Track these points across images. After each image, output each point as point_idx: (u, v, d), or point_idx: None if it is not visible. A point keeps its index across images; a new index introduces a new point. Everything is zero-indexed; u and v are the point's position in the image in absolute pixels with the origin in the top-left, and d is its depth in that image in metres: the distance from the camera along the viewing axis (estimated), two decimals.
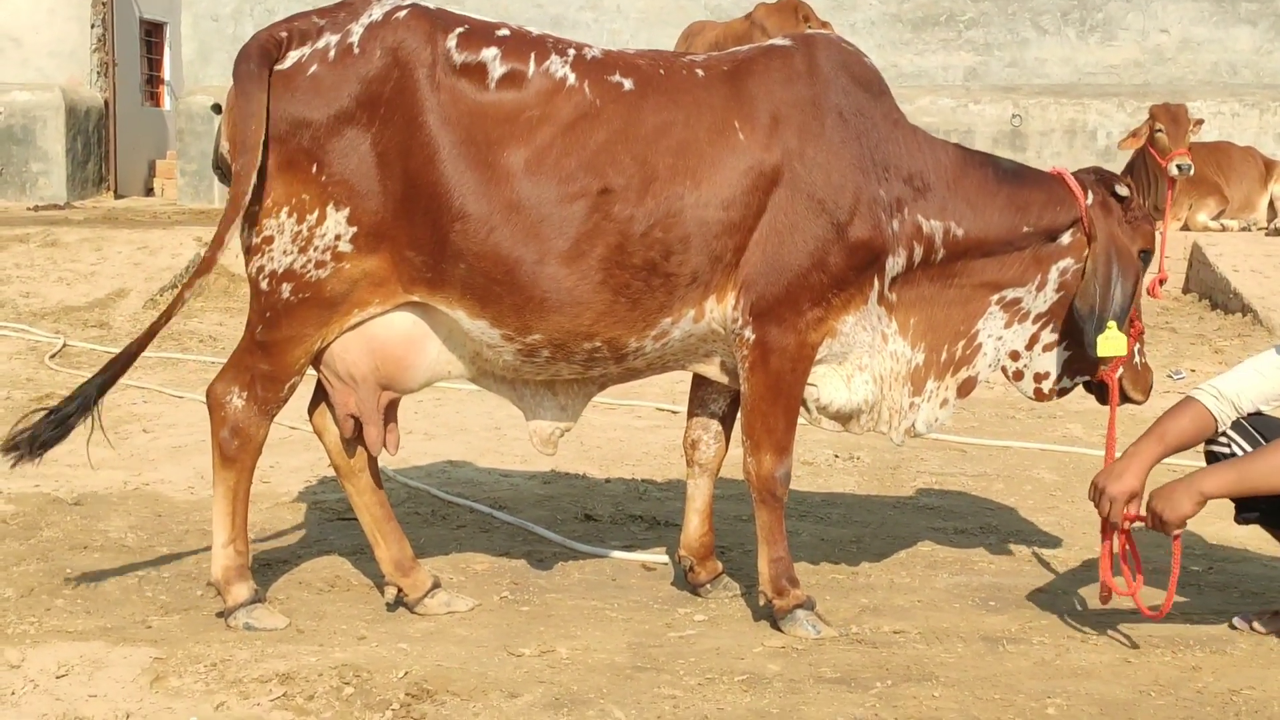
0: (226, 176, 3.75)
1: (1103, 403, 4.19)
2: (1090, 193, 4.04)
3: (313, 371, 3.86)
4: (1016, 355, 4.12)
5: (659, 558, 4.50)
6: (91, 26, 15.51)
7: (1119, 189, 4.07)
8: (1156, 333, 9.01)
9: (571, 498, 5.29)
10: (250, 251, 3.70)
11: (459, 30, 3.69)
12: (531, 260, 3.63)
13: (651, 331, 3.78)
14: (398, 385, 3.84)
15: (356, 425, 3.84)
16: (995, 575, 4.42)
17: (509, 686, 3.35)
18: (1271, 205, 11.68)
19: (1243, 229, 11.40)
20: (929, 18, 14.90)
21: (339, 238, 3.65)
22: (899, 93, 4.25)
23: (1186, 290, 10.37)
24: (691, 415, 4.21)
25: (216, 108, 3.78)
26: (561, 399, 3.98)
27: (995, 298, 4.05)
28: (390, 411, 3.89)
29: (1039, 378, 4.14)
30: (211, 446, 3.80)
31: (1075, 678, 3.52)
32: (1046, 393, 4.16)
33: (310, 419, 3.99)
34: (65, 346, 8.32)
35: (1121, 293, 3.95)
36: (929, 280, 3.98)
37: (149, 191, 16.52)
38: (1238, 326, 9.35)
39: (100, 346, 8.38)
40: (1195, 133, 10.33)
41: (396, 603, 3.94)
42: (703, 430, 4.19)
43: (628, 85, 3.73)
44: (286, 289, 3.67)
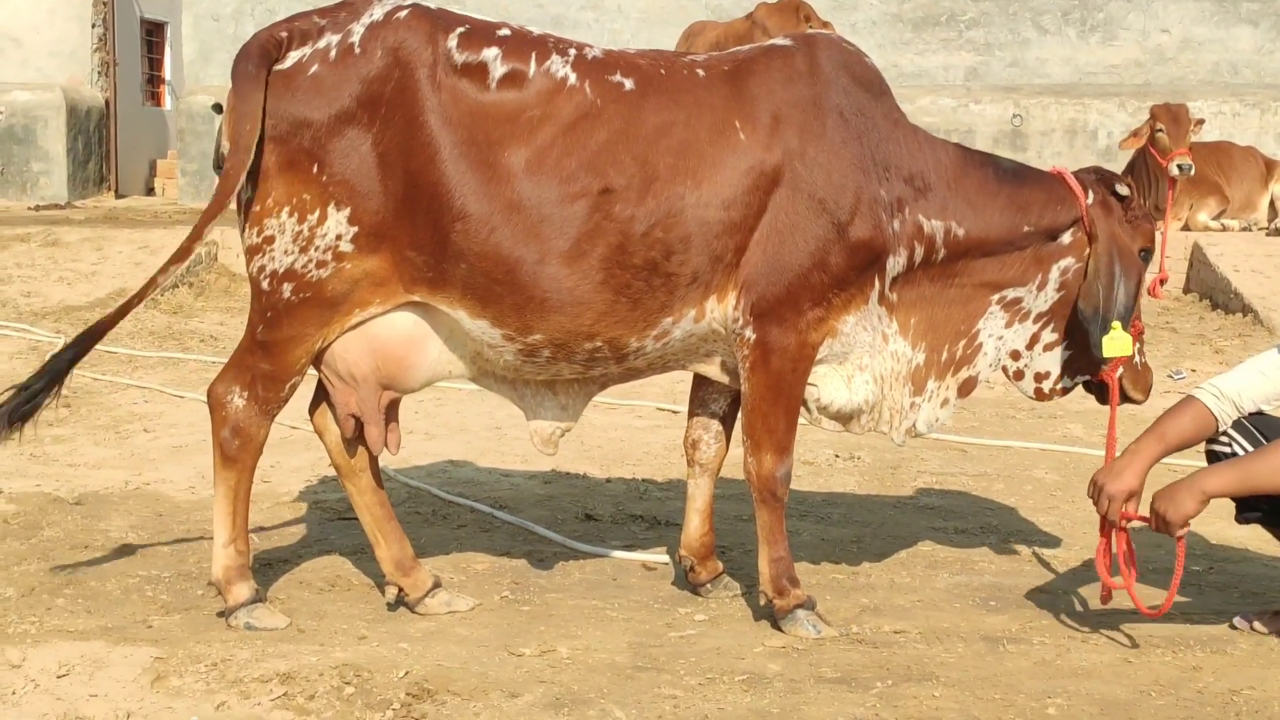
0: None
1: (1102, 402, 4.19)
2: (1090, 192, 4.04)
3: (314, 371, 3.87)
4: (1017, 355, 4.12)
5: (660, 557, 4.50)
6: (92, 26, 15.52)
7: (1119, 188, 4.07)
8: (1157, 333, 9.01)
9: (572, 497, 5.29)
10: (251, 251, 3.70)
11: (460, 30, 3.69)
12: (532, 260, 3.63)
13: (652, 331, 3.78)
14: (399, 385, 3.84)
15: (357, 425, 3.84)
16: (996, 575, 4.42)
17: (510, 686, 3.35)
18: (1272, 205, 11.67)
19: (1243, 229, 11.40)
20: (930, 17, 14.89)
21: (340, 237, 3.65)
22: (899, 92, 4.25)
23: (1187, 290, 10.37)
24: (692, 415, 4.21)
25: (217, 107, 3.78)
26: (562, 399, 3.98)
27: (996, 297, 4.05)
28: (391, 411, 3.89)
29: (1039, 377, 4.14)
30: (212, 446, 3.80)
31: (1076, 678, 3.52)
32: (1047, 392, 4.16)
33: (311, 419, 3.99)
34: None
35: (1125, 293, 3.95)
36: (930, 280, 3.98)
37: (150, 191, 16.53)
38: (1238, 326, 9.35)
39: (101, 346, 8.36)
40: (1196, 132, 10.33)
41: (397, 602, 3.94)
42: (703, 430, 4.19)
43: (629, 85, 3.73)
44: (287, 289, 3.68)
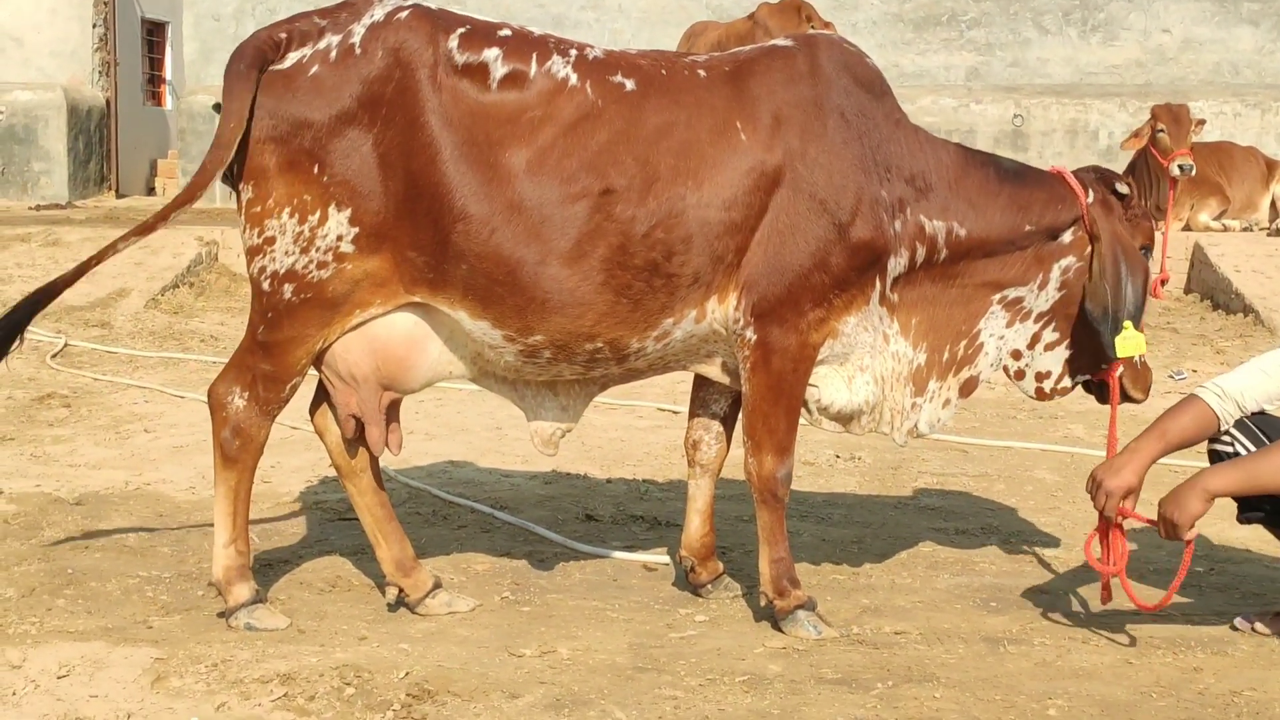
0: (228, 177, 3.75)
1: (1102, 402, 4.19)
2: (1091, 191, 4.04)
3: (314, 372, 3.86)
4: (1018, 354, 4.12)
5: (660, 558, 4.50)
6: (93, 26, 15.52)
7: (1119, 187, 4.07)
8: (1158, 333, 9.01)
9: (573, 498, 5.28)
10: (252, 252, 3.70)
11: (460, 31, 3.69)
12: (533, 261, 3.63)
13: (653, 332, 3.77)
14: (399, 385, 3.84)
15: (358, 426, 3.84)
16: (996, 576, 4.42)
17: (510, 687, 3.35)
18: (1273, 205, 11.67)
19: (1244, 229, 11.40)
20: (931, 17, 14.89)
21: (341, 238, 3.65)
22: (900, 92, 4.25)
23: (1188, 290, 10.37)
24: (693, 416, 4.21)
25: (217, 107, 3.79)
26: (563, 399, 3.98)
27: (997, 297, 4.04)
28: (392, 412, 3.89)
29: (1040, 377, 4.14)
30: (213, 446, 3.80)
31: (1076, 679, 3.52)
32: (1048, 392, 4.16)
33: (312, 419, 3.99)
34: (66, 346, 8.32)
35: (1133, 291, 3.95)
36: (931, 280, 3.98)
37: (151, 191, 16.53)
38: (1239, 327, 9.35)
39: (101, 346, 8.38)
40: (1197, 133, 10.33)
41: (398, 603, 3.94)
42: (704, 431, 4.18)
43: (629, 86, 3.73)
44: (288, 289, 3.67)
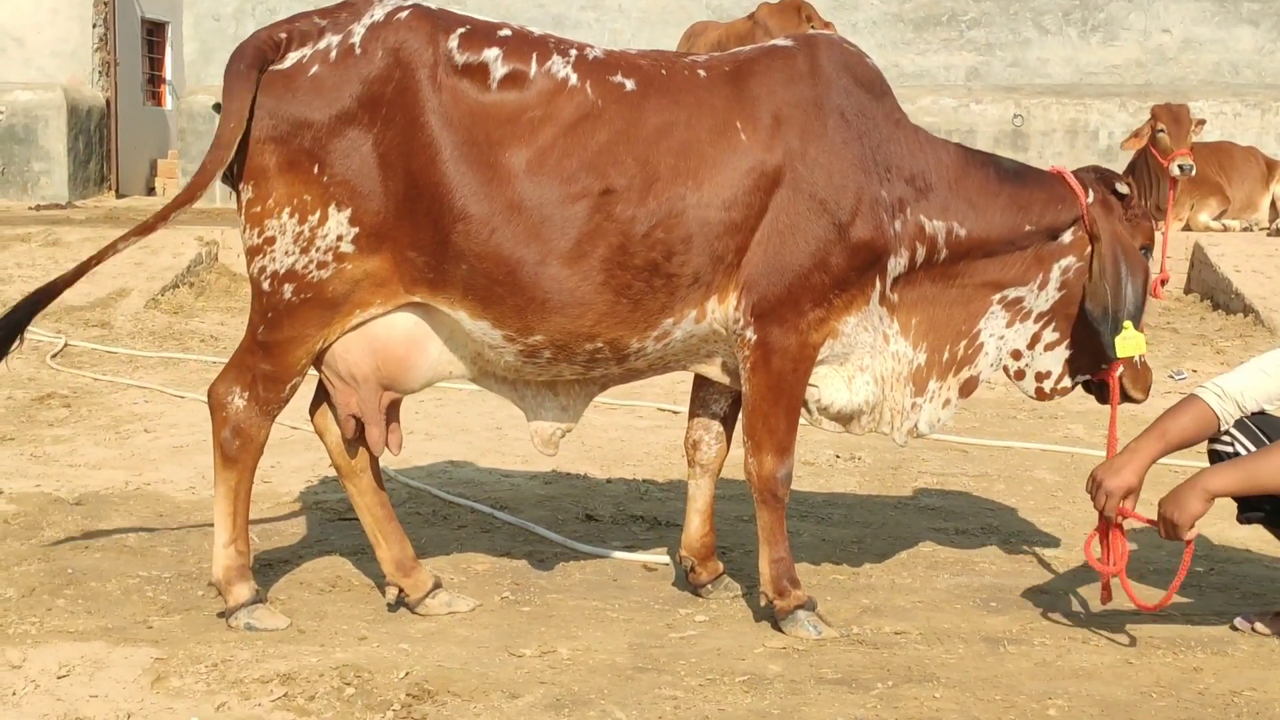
0: (228, 177, 3.75)
1: (1102, 402, 4.19)
2: (1091, 191, 4.04)
3: (314, 372, 3.86)
4: (1018, 354, 4.12)
5: (660, 558, 4.50)
6: (93, 26, 15.52)
7: (1119, 187, 4.07)
8: (1158, 333, 9.00)
9: (573, 498, 5.28)
10: (252, 252, 3.70)
11: (460, 31, 3.69)
12: (533, 261, 3.63)
13: (653, 332, 3.77)
14: (399, 386, 3.84)
15: (358, 426, 3.84)
16: (996, 576, 4.42)
17: (510, 687, 3.35)
18: (1273, 205, 11.67)
19: (1244, 229, 11.40)
20: (931, 17, 14.89)
21: (341, 238, 3.65)
22: (900, 92, 4.25)
23: (1188, 291, 10.37)
24: (693, 416, 4.21)
25: (218, 107, 3.79)
26: (563, 399, 3.97)
27: (997, 297, 4.04)
28: (392, 412, 3.89)
29: (1040, 377, 4.14)
30: (213, 446, 3.80)
31: (1076, 679, 3.52)
32: (1048, 392, 4.16)
33: (312, 419, 3.99)
34: (67, 346, 8.32)
35: (1133, 291, 3.95)
36: (931, 280, 3.98)
37: (151, 191, 16.54)
38: (1239, 327, 9.35)
39: (102, 346, 8.38)
40: (1197, 133, 10.33)
41: (398, 603, 3.94)
42: (704, 431, 4.18)
43: (629, 86, 3.73)
44: (288, 289, 3.67)
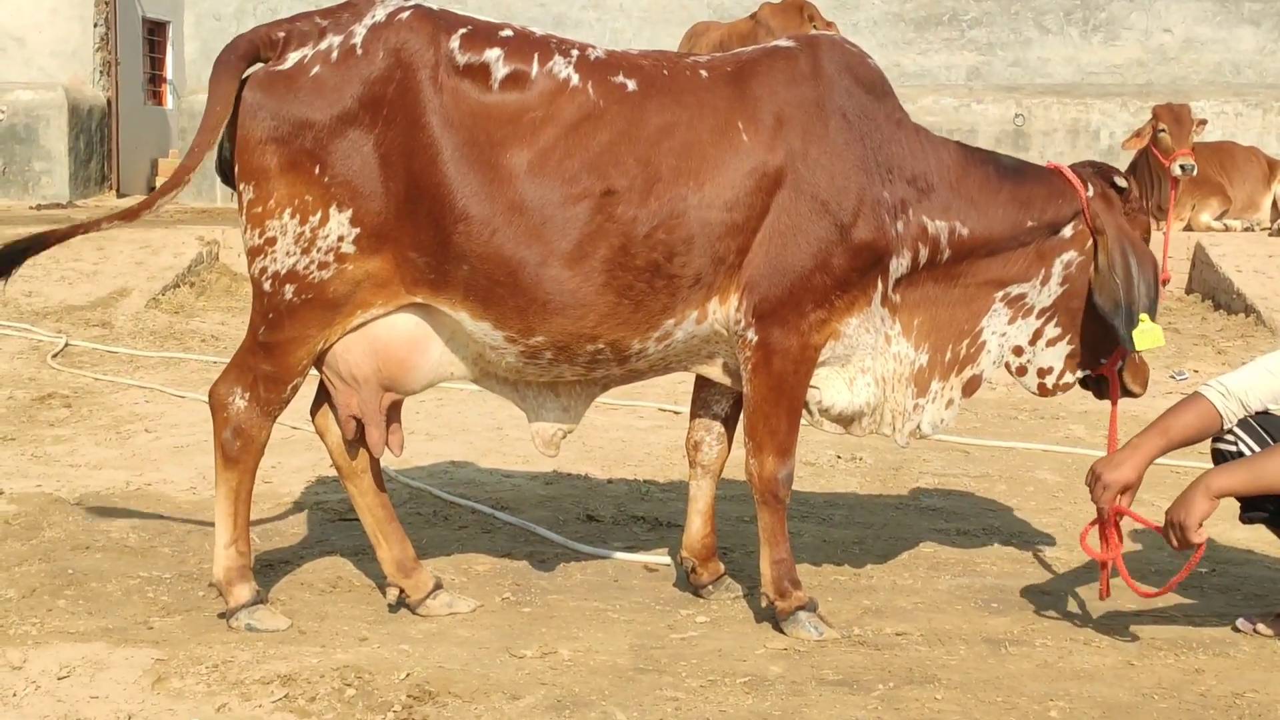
0: (228, 177, 3.75)
1: (1100, 397, 4.20)
2: (1090, 185, 4.04)
3: (316, 372, 3.86)
4: (1020, 351, 4.12)
5: (661, 559, 4.50)
6: (94, 25, 15.52)
7: (1117, 180, 4.07)
8: None
9: (574, 498, 5.28)
10: (253, 252, 3.70)
11: (462, 31, 3.68)
12: (535, 262, 3.63)
13: (654, 333, 3.77)
14: (400, 386, 3.84)
15: (359, 426, 3.84)
16: (998, 577, 4.42)
17: (511, 688, 3.35)
18: (1275, 205, 11.66)
19: (1246, 229, 11.39)
20: (932, 17, 14.89)
21: (342, 239, 3.64)
22: (901, 92, 4.25)
23: (1189, 291, 10.36)
24: (694, 416, 4.21)
25: None
26: (564, 400, 3.97)
27: (1000, 294, 4.04)
28: (393, 412, 3.89)
29: (1043, 373, 4.14)
30: (214, 447, 3.80)
31: (1078, 680, 3.52)
32: (1050, 388, 4.16)
33: (313, 419, 3.99)
34: (67, 346, 8.31)
35: (1145, 283, 3.94)
36: (934, 281, 3.97)
37: (151, 190, 16.53)
38: (1241, 327, 9.34)
39: (102, 346, 8.38)
40: (1198, 133, 10.32)
41: (398, 604, 3.94)
42: (705, 431, 4.18)
43: (631, 86, 3.73)
44: (289, 290, 3.67)
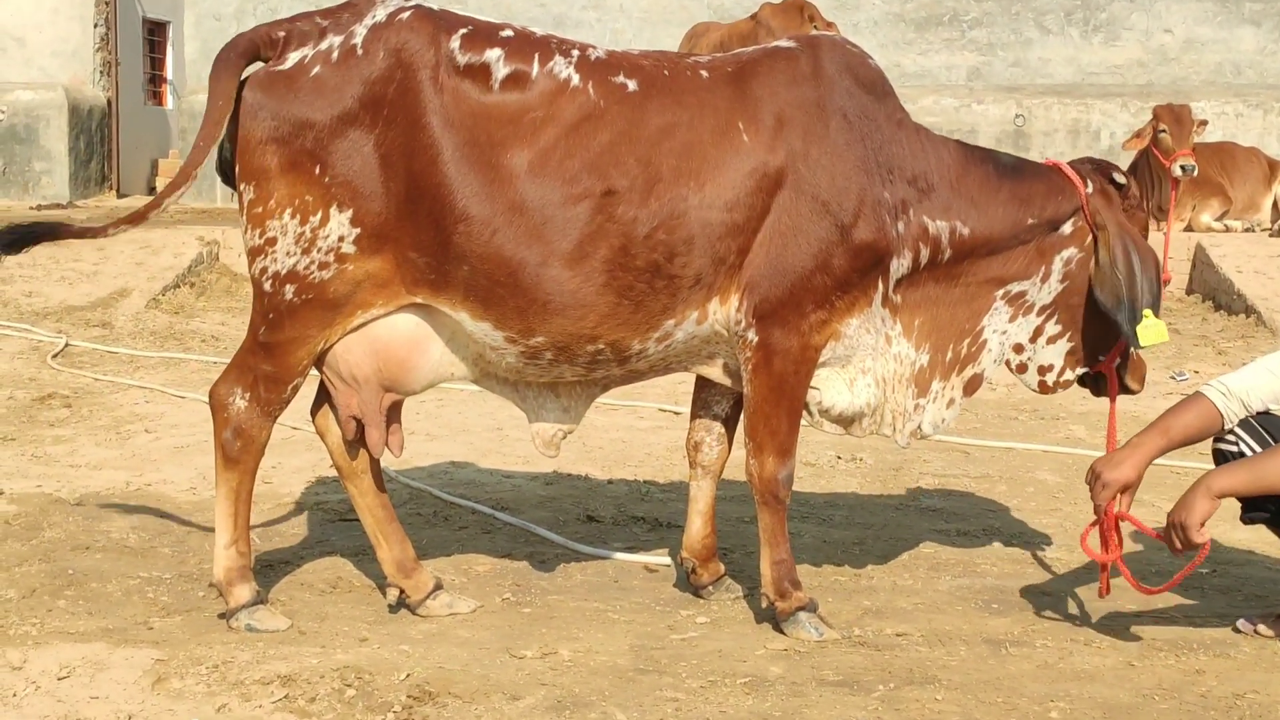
0: (229, 178, 3.75)
1: (1097, 394, 4.20)
2: (1089, 181, 4.04)
3: (316, 372, 3.86)
4: (1020, 349, 4.12)
5: (661, 559, 4.49)
6: (94, 26, 15.51)
7: (1115, 176, 4.08)
8: None
9: (574, 499, 5.28)
10: (253, 253, 3.70)
11: (462, 31, 3.68)
12: (535, 262, 3.63)
13: (655, 333, 3.77)
14: (400, 387, 3.84)
15: (359, 427, 3.83)
16: (998, 578, 4.41)
17: (511, 688, 3.35)
18: (1275, 206, 11.66)
19: (1246, 230, 11.39)
20: (932, 17, 14.88)
21: (342, 239, 3.64)
22: (902, 93, 4.25)
23: (1190, 291, 10.36)
24: (694, 417, 4.21)
25: None
26: (564, 401, 3.97)
27: (1000, 292, 4.04)
28: (393, 413, 3.89)
29: (1043, 370, 4.14)
30: (214, 447, 3.80)
31: (1078, 681, 3.52)
32: (1051, 385, 4.16)
33: (313, 420, 3.99)
34: (67, 346, 8.31)
35: (1147, 279, 3.94)
36: (934, 281, 3.97)
37: (152, 191, 16.52)
38: (1241, 328, 9.34)
39: (102, 346, 8.38)
40: (1199, 133, 10.32)
41: (398, 604, 3.94)
42: (705, 432, 4.18)
43: (632, 86, 3.73)
44: (290, 290, 3.67)
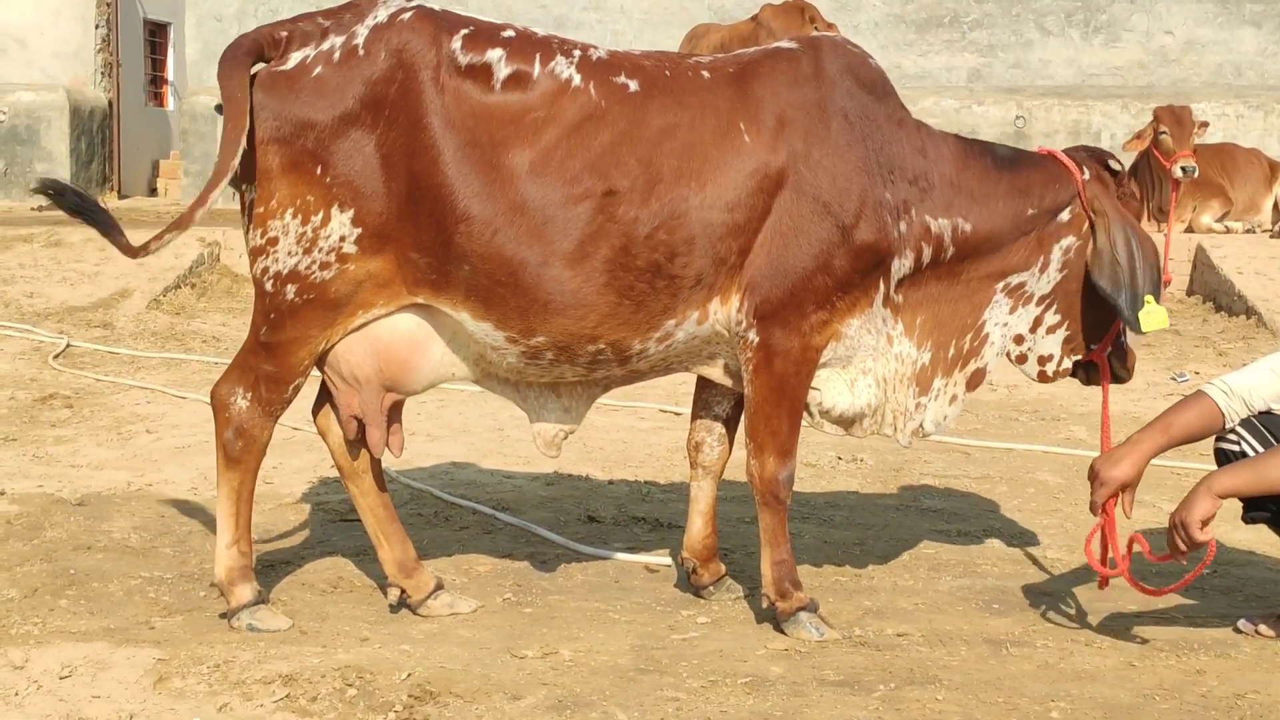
0: (232, 178, 3.75)
1: (1087, 383, 4.22)
2: (1085, 168, 4.05)
3: (317, 372, 3.86)
4: (1021, 339, 4.13)
5: (662, 560, 4.50)
6: (96, 27, 15.53)
7: (1110, 164, 4.09)
8: (1160, 335, 8.99)
9: (574, 499, 5.28)
10: (255, 253, 3.70)
11: (464, 32, 3.69)
12: (536, 262, 3.63)
13: (655, 334, 3.77)
14: (401, 387, 3.84)
15: (360, 427, 3.84)
16: (999, 578, 4.42)
17: (512, 688, 3.35)
18: (1276, 207, 11.65)
19: (1247, 231, 11.39)
20: (933, 19, 14.88)
21: (344, 239, 3.64)
22: (902, 94, 4.25)
23: (1190, 292, 10.36)
24: (695, 417, 4.21)
25: (219, 108, 3.78)
26: (565, 401, 3.97)
27: (1001, 285, 4.04)
28: (394, 413, 3.89)
29: (1043, 360, 4.15)
30: (215, 447, 3.80)
31: (1079, 681, 3.52)
32: (1050, 375, 4.17)
33: (314, 420, 3.99)
34: (69, 347, 8.32)
35: (1147, 264, 3.95)
36: (936, 278, 3.97)
37: (153, 192, 16.56)
38: (1242, 329, 9.34)
39: (104, 347, 8.38)
40: (1200, 135, 10.32)
41: (399, 604, 3.94)
42: (706, 432, 4.18)
43: (633, 87, 3.73)
44: (291, 290, 3.67)
